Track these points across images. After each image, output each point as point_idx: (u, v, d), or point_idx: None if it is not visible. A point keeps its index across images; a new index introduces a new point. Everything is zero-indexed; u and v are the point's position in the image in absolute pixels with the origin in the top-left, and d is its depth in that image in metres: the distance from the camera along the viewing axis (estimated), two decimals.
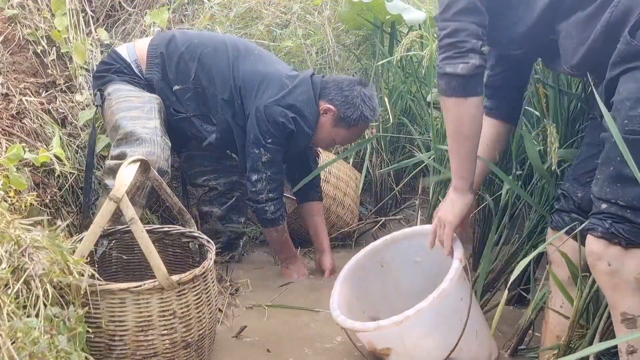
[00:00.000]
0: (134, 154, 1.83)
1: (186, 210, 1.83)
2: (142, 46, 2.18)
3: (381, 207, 2.94)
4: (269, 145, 2.13)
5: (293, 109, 2.14)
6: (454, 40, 1.40)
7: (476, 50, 1.40)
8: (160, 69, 2.14)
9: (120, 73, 2.13)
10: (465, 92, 1.43)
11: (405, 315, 1.46)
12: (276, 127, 2.11)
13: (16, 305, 1.17)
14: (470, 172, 1.55)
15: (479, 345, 1.59)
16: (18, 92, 2.13)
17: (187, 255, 1.82)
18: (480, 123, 1.49)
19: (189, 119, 2.19)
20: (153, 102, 2.06)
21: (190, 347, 1.52)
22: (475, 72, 1.41)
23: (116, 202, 1.39)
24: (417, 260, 1.82)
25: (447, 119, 1.50)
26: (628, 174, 1.17)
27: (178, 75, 2.15)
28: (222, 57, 2.17)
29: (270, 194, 2.18)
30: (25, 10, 2.41)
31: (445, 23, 1.41)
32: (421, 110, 2.84)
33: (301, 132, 2.17)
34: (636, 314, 1.22)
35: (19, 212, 1.47)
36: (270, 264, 2.48)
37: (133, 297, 1.42)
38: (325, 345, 1.83)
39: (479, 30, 1.40)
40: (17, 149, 1.61)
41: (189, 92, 2.16)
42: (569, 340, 1.46)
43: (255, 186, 2.18)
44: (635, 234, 1.20)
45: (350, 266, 1.81)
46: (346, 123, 2.21)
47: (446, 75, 1.43)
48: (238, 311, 2.04)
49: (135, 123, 1.95)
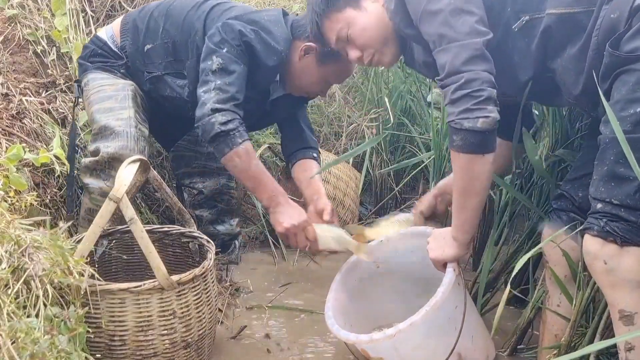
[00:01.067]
0: (107, 148, 1.84)
1: (186, 210, 1.83)
2: (117, 21, 2.16)
3: (381, 207, 2.94)
4: (223, 52, 1.86)
5: (256, 24, 1.92)
6: (468, 90, 1.32)
7: (493, 100, 1.33)
8: (131, 33, 2.09)
9: (97, 56, 2.09)
10: (483, 149, 1.35)
11: (398, 328, 1.45)
12: (233, 35, 1.87)
13: (16, 305, 1.17)
14: (473, 228, 1.51)
15: (475, 349, 1.60)
16: (18, 92, 2.14)
17: (187, 255, 1.82)
18: (491, 179, 1.45)
19: (162, 78, 2.07)
20: (127, 89, 2.02)
21: (190, 347, 1.53)
22: (495, 127, 1.34)
23: (116, 202, 1.39)
24: (413, 261, 1.81)
25: (459, 175, 1.42)
26: (621, 173, 1.20)
27: (147, 33, 2.07)
28: (189, 3, 2.06)
29: (217, 104, 1.81)
30: (25, 10, 2.42)
31: (455, 77, 1.33)
32: (421, 110, 2.84)
33: (266, 46, 1.90)
34: (633, 311, 1.23)
35: (19, 212, 1.47)
36: (270, 264, 2.48)
37: (133, 297, 1.42)
38: (325, 346, 1.84)
39: (491, 78, 1.34)
40: (17, 149, 1.61)
41: (160, 49, 2.06)
42: (570, 339, 1.46)
43: (203, 94, 1.84)
44: (630, 232, 1.21)
45: (345, 268, 1.81)
46: (333, 56, 1.89)
47: (463, 131, 1.34)
48: (238, 311, 2.04)
49: (109, 115, 1.92)
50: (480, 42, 1.33)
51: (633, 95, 1.20)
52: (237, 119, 1.83)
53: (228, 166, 1.87)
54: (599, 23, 1.28)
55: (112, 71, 2.08)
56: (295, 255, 2.52)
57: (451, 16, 1.35)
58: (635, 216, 1.20)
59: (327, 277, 2.31)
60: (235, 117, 1.83)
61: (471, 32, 1.34)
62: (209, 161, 2.36)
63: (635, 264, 1.21)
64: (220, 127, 1.79)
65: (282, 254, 2.54)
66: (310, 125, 2.32)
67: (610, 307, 1.28)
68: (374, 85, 2.99)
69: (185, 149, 2.35)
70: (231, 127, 1.81)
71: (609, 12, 1.26)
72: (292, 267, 2.45)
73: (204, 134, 1.83)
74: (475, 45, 1.33)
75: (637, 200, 1.19)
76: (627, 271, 1.22)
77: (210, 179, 2.38)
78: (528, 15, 1.38)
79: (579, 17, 1.32)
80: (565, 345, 1.47)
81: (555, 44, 1.37)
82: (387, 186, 2.97)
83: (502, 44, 1.41)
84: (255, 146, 2.82)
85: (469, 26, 1.35)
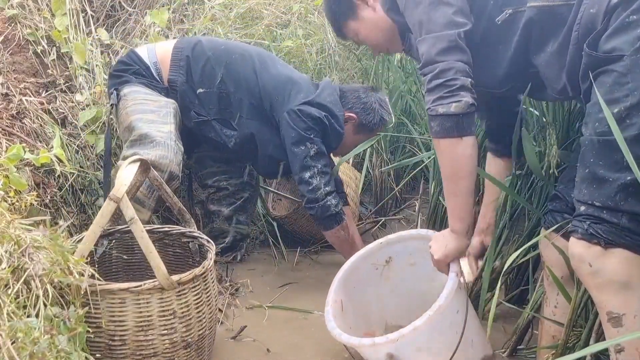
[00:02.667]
0: (147, 155, 1.84)
1: (186, 210, 1.83)
2: (164, 49, 2.19)
3: (381, 207, 2.94)
4: (315, 138, 2.14)
5: (324, 109, 2.18)
6: (442, 80, 1.38)
7: (466, 88, 1.38)
8: (184, 71, 2.15)
9: (138, 75, 2.13)
10: (460, 131, 1.40)
11: (401, 333, 1.45)
12: (315, 123, 2.14)
13: (16, 305, 1.17)
14: (467, 213, 1.53)
15: (475, 352, 1.60)
16: (18, 92, 2.14)
17: (187, 255, 1.82)
18: (476, 162, 1.47)
19: (209, 123, 2.20)
20: (169, 107, 2.07)
21: (190, 347, 1.52)
22: (468, 110, 1.38)
23: (116, 202, 1.39)
24: (412, 263, 1.81)
25: (442, 161, 1.47)
26: (601, 174, 1.21)
27: (203, 78, 2.16)
28: (248, 64, 2.21)
29: (327, 187, 2.14)
30: (25, 10, 2.42)
31: (431, 67, 1.40)
32: (421, 110, 2.84)
33: (334, 131, 2.20)
34: (621, 313, 1.23)
35: (19, 212, 1.47)
36: (270, 264, 2.48)
37: (133, 297, 1.42)
38: (325, 346, 1.84)
39: (466, 68, 1.39)
40: (17, 149, 1.61)
41: (213, 96, 2.17)
42: (567, 339, 1.46)
43: (311, 183, 2.13)
44: (613, 234, 1.21)
45: (345, 270, 1.80)
46: (367, 128, 2.31)
47: (439, 117, 1.39)
48: (238, 311, 2.04)
49: (151, 126, 1.96)
50: (455, 34, 1.38)
51: (610, 96, 1.21)
52: (340, 199, 2.19)
53: (331, 237, 2.21)
54: (579, 17, 1.29)
55: (156, 89, 2.13)
56: (295, 256, 2.53)
57: (430, 7, 1.40)
58: (617, 217, 1.21)
59: (327, 277, 2.31)
60: (339, 198, 2.19)
61: (448, 23, 1.39)
62: (232, 161, 2.41)
63: (620, 265, 1.22)
64: (335, 209, 2.15)
65: (282, 254, 2.54)
66: None
67: (599, 309, 1.29)
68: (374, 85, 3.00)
69: (207, 150, 2.39)
70: (340, 209, 2.17)
71: (589, 7, 1.27)
72: (292, 267, 2.46)
73: (316, 214, 2.15)
74: (450, 37, 1.38)
75: (617, 201, 1.20)
76: (612, 273, 1.22)
77: (234, 177, 2.43)
78: (511, 8, 1.40)
79: (560, 10, 1.33)
80: (562, 345, 1.47)
81: (537, 38, 1.39)
82: (387, 186, 2.97)
83: (487, 36, 1.44)
84: None
85: (446, 18, 1.39)
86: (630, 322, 1.23)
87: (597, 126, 1.22)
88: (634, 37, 1.19)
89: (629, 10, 1.20)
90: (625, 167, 1.15)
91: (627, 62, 1.19)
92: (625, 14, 1.20)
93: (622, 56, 1.20)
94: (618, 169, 1.19)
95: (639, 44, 1.18)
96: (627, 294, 1.22)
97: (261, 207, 2.68)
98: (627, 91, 1.18)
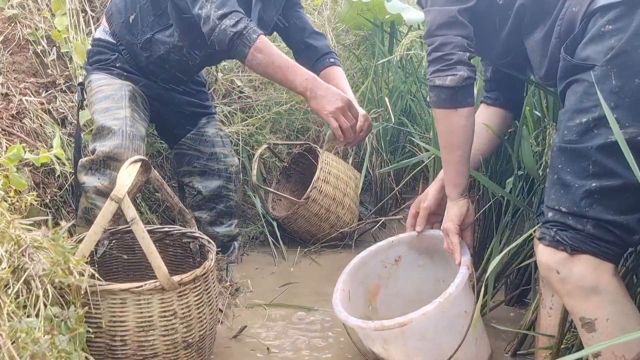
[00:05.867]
0: (102, 147, 1.87)
1: (187, 211, 1.83)
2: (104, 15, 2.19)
3: (381, 207, 2.93)
4: None
5: None
6: (440, 53, 1.45)
7: (463, 62, 1.44)
8: (115, 14, 2.12)
9: (95, 54, 2.13)
10: (455, 103, 1.47)
11: (410, 317, 1.45)
12: None
13: (16, 305, 1.17)
14: (462, 180, 1.57)
15: (477, 352, 1.60)
16: (18, 92, 2.14)
17: (187, 256, 1.82)
18: (471, 133, 1.53)
19: (153, 39, 2.08)
20: (124, 90, 2.05)
21: (191, 347, 1.52)
22: (464, 83, 1.45)
23: (117, 203, 1.39)
24: (420, 264, 1.81)
25: (438, 130, 1.54)
26: (568, 180, 1.23)
27: (127, 6, 2.09)
28: None
29: (220, 10, 1.81)
30: (25, 10, 2.41)
31: (431, 39, 1.47)
32: (421, 110, 2.84)
33: None
34: (593, 318, 1.24)
35: (19, 212, 1.47)
36: (270, 264, 2.48)
37: (134, 298, 1.42)
38: (325, 345, 1.83)
39: (464, 42, 1.45)
40: (17, 149, 1.60)
41: (142, 13, 2.07)
42: (561, 339, 1.46)
43: (201, 16, 1.83)
44: (578, 240, 1.23)
45: (354, 263, 1.80)
46: None
47: (436, 88, 1.47)
48: (238, 311, 2.03)
49: (106, 115, 1.95)
50: (455, 10, 1.44)
51: (580, 105, 1.24)
52: (243, 18, 1.82)
53: (253, 66, 1.84)
54: (563, 13, 1.33)
55: (109, 70, 2.10)
56: (296, 256, 2.53)
57: None
58: (582, 224, 1.22)
59: (327, 277, 2.32)
60: (241, 16, 1.82)
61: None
62: (210, 162, 2.36)
63: (587, 271, 1.23)
64: (232, 29, 1.79)
65: (282, 254, 2.54)
66: (313, 30, 2.27)
67: (572, 315, 1.30)
68: (374, 85, 3.00)
69: (188, 147, 2.35)
70: (242, 26, 1.80)
71: (572, 4, 1.30)
72: (292, 267, 2.45)
73: (220, 44, 1.82)
74: (450, 13, 1.44)
75: (582, 207, 1.21)
76: (579, 278, 1.24)
77: (209, 180, 2.37)
78: None
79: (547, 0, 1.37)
80: (556, 345, 1.47)
81: (527, 23, 1.44)
82: (387, 186, 2.96)
83: (489, 13, 1.49)
84: (256, 145, 2.82)
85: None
86: (604, 326, 1.24)
87: (566, 134, 1.25)
88: (607, 48, 1.20)
89: (605, 19, 1.22)
90: (591, 174, 1.19)
91: (597, 72, 1.21)
92: (602, 22, 1.22)
93: (593, 66, 1.22)
94: (584, 176, 1.21)
95: (611, 54, 1.19)
96: (597, 299, 1.24)
97: (261, 207, 2.67)
98: (596, 101, 1.20)
